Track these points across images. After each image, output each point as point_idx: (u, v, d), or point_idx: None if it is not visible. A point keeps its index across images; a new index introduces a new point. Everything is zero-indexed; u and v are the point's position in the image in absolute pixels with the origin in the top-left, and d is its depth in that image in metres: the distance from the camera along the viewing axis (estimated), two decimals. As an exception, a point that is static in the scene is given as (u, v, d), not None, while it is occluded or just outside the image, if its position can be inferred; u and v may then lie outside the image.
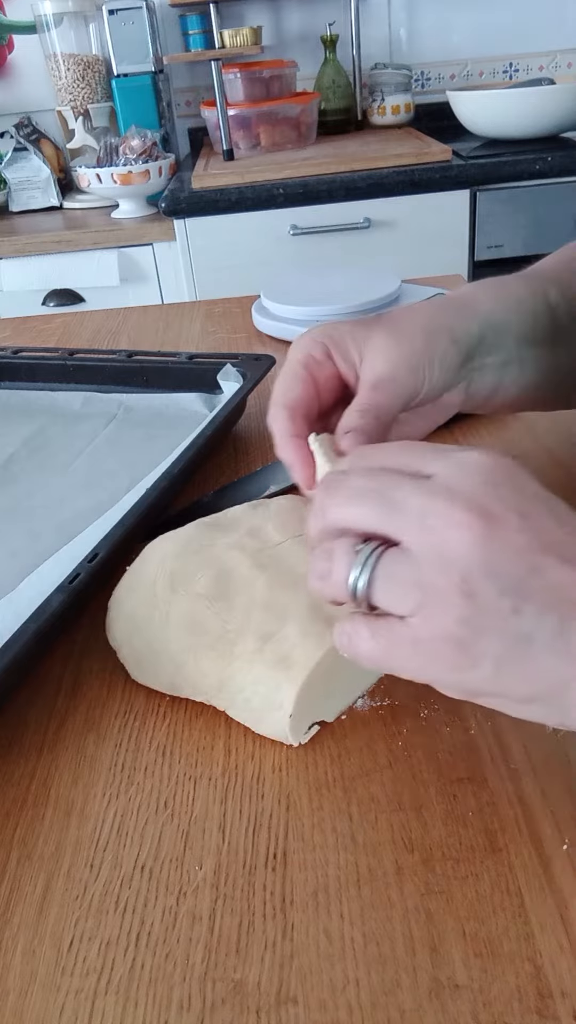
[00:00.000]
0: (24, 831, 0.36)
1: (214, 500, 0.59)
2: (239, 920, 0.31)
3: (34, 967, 0.31)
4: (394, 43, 2.05)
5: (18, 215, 1.91)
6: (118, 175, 1.70)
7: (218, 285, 1.64)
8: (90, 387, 0.74)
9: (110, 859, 0.34)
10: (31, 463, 0.66)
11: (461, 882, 0.32)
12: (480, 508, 0.28)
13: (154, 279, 1.74)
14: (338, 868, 0.33)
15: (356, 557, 0.30)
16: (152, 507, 0.51)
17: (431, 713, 0.39)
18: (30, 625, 0.40)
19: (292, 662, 0.37)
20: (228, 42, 1.78)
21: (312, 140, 1.91)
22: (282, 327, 0.87)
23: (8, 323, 1.04)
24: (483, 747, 0.37)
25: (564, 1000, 0.28)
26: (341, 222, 1.62)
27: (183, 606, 0.41)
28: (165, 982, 0.30)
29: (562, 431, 0.65)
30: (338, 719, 0.40)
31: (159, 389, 0.72)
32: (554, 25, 2.03)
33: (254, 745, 0.39)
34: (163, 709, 0.42)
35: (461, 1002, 0.28)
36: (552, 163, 1.58)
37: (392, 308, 0.86)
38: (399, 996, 0.28)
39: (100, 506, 0.56)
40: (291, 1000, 0.29)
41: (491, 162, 1.60)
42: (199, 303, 1.04)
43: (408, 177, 1.59)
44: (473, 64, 2.08)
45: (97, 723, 0.41)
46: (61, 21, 1.86)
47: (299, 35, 2.04)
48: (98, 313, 1.04)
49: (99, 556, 0.45)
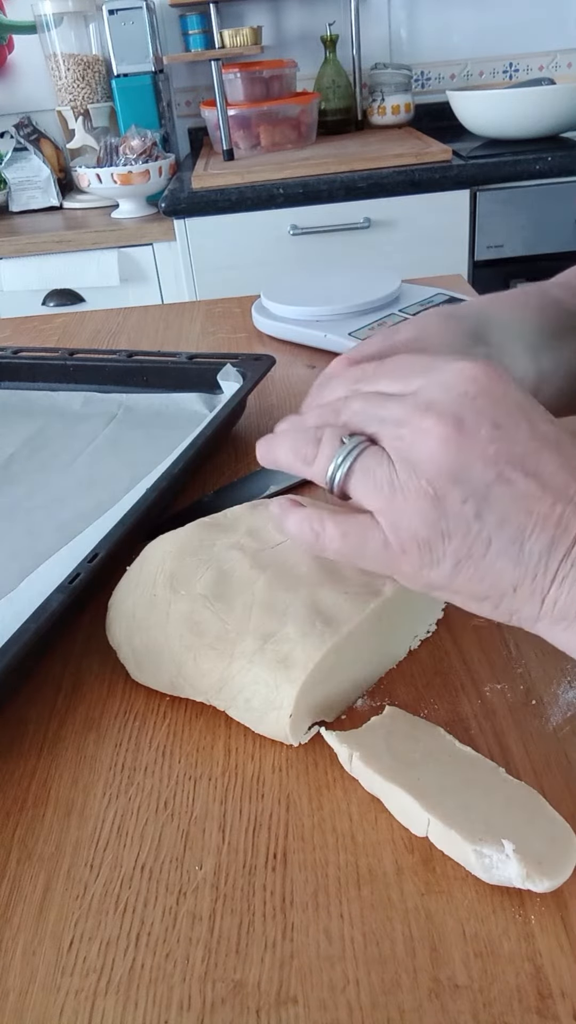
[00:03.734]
0: (24, 831, 0.36)
1: (214, 500, 0.59)
2: (239, 920, 0.31)
3: (34, 967, 0.31)
4: (394, 43, 2.05)
5: (18, 215, 1.91)
6: (118, 175, 1.70)
7: (218, 285, 1.64)
8: (90, 387, 0.74)
9: (110, 859, 0.34)
10: (31, 463, 0.66)
11: (461, 882, 0.32)
12: (452, 417, 0.29)
13: (154, 279, 1.74)
14: (338, 868, 0.33)
15: (340, 447, 0.32)
16: (152, 507, 0.51)
17: (431, 713, 0.39)
18: (30, 625, 0.40)
19: (292, 662, 0.37)
20: (228, 42, 1.78)
21: (312, 140, 1.91)
22: (282, 327, 0.87)
23: (8, 323, 1.04)
24: (483, 747, 0.37)
25: (564, 1000, 0.28)
26: (341, 222, 1.62)
27: (183, 606, 0.41)
28: (165, 982, 0.30)
29: (562, 431, 0.65)
30: (338, 719, 0.40)
31: (159, 389, 0.72)
32: (554, 25, 2.03)
33: (254, 745, 0.39)
34: (163, 709, 0.42)
35: (461, 1002, 0.28)
36: (552, 163, 1.58)
37: (390, 307, 0.86)
38: (399, 996, 0.28)
39: (100, 506, 0.56)
40: (291, 1000, 0.29)
41: (491, 162, 1.60)
42: (199, 303, 1.04)
43: (408, 177, 1.59)
44: (473, 64, 2.08)
45: (97, 723, 0.41)
46: (61, 21, 1.86)
47: (299, 35, 2.04)
48: (98, 313, 1.04)
49: (99, 556, 0.45)
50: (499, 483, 0.29)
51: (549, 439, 0.30)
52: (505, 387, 0.30)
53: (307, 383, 0.78)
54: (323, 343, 0.83)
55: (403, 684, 0.41)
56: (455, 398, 0.30)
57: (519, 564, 0.29)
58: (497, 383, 0.30)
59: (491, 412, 0.29)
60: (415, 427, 0.30)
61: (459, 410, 0.29)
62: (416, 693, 0.41)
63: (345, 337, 0.81)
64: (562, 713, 0.38)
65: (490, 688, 0.40)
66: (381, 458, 0.31)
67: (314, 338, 0.84)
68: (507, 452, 0.29)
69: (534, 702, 0.39)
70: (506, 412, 0.30)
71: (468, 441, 0.29)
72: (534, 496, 0.29)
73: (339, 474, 0.31)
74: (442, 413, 0.29)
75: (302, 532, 0.33)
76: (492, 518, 0.29)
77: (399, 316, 0.85)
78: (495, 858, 0.31)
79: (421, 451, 0.29)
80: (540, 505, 0.29)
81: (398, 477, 0.30)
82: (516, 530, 0.29)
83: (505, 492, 0.29)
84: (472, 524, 0.29)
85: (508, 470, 0.29)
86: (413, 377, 0.32)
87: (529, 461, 0.29)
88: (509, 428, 0.29)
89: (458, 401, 0.30)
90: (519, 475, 0.29)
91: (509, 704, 0.39)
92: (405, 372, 0.32)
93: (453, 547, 0.29)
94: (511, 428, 0.29)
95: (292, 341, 0.87)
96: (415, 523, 0.29)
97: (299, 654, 0.37)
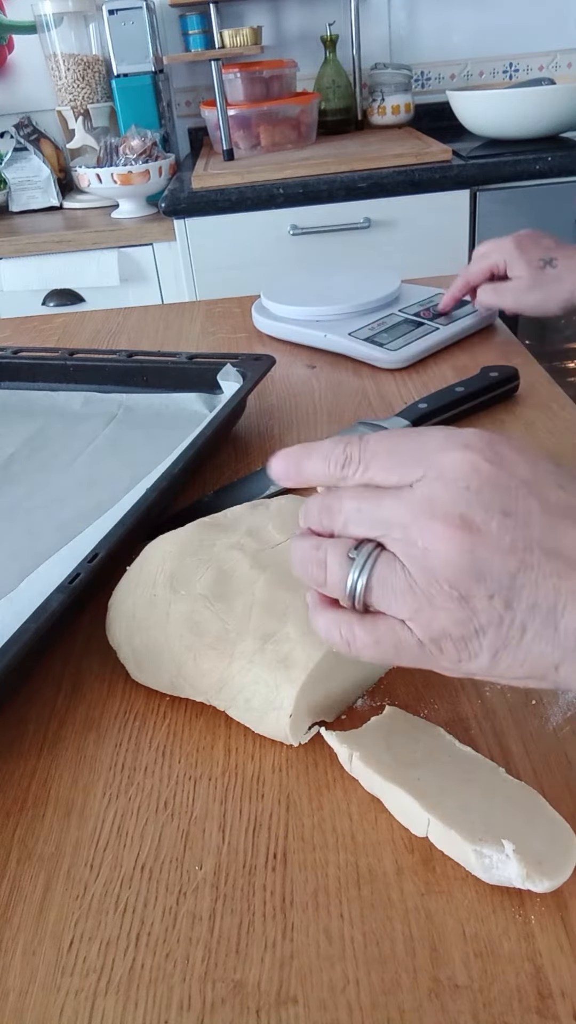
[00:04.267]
0: (24, 831, 0.36)
1: (214, 500, 0.59)
2: (239, 920, 0.31)
3: (34, 967, 0.31)
4: (394, 43, 2.05)
5: (18, 215, 1.91)
6: (118, 175, 1.70)
7: (218, 285, 1.64)
8: (90, 387, 0.74)
9: (110, 859, 0.34)
10: (31, 463, 0.66)
11: (461, 882, 0.32)
12: (460, 519, 0.28)
13: (154, 279, 1.74)
14: (338, 868, 0.33)
15: (352, 563, 0.31)
16: (152, 507, 0.51)
17: (431, 713, 0.39)
18: (30, 625, 0.40)
19: (292, 662, 0.37)
20: (228, 42, 1.78)
21: (312, 140, 1.90)
22: (282, 327, 0.87)
23: (8, 323, 1.04)
24: (483, 747, 0.37)
25: (564, 1000, 0.28)
26: (341, 222, 1.62)
27: (183, 606, 0.41)
28: (165, 982, 0.30)
29: (562, 431, 0.65)
30: (338, 719, 0.40)
31: (159, 389, 0.72)
32: (554, 25, 2.03)
33: (254, 745, 0.39)
34: (163, 709, 0.42)
35: (461, 1002, 0.28)
36: (552, 163, 1.58)
37: (390, 307, 0.86)
38: (399, 996, 0.28)
39: (100, 506, 0.56)
40: (291, 1000, 0.29)
41: (491, 162, 1.60)
42: (199, 303, 1.04)
43: (408, 177, 1.59)
44: (473, 64, 2.08)
45: (97, 723, 0.41)
46: (61, 21, 1.86)
47: (299, 35, 2.04)
48: (98, 313, 1.04)
49: (99, 556, 0.45)
50: (522, 571, 0.28)
51: (562, 510, 0.29)
52: (508, 468, 0.29)
53: (307, 383, 0.78)
54: (323, 343, 0.83)
55: (403, 684, 0.41)
56: (458, 494, 0.29)
57: (557, 645, 0.29)
58: (499, 468, 0.29)
59: (499, 502, 0.29)
60: (424, 531, 0.29)
61: (466, 509, 0.29)
62: (416, 693, 0.41)
63: (345, 337, 0.81)
64: (562, 713, 0.39)
65: (490, 688, 0.40)
66: (395, 566, 0.30)
67: (314, 338, 0.84)
68: (523, 538, 0.28)
69: (534, 702, 0.39)
70: (513, 497, 0.29)
71: (482, 539, 0.28)
72: (559, 574, 0.28)
73: (358, 592, 0.30)
74: (448, 515, 0.29)
75: (331, 637, 0.32)
76: (522, 605, 0.28)
77: (399, 316, 0.85)
78: (495, 858, 0.31)
79: (436, 557, 0.29)
80: (567, 581, 0.28)
81: (418, 584, 0.29)
82: (548, 612, 0.28)
83: (530, 577, 0.28)
84: (504, 615, 0.28)
85: (528, 555, 0.28)
86: (406, 467, 0.30)
87: (547, 540, 0.28)
88: (520, 513, 0.29)
89: (463, 497, 0.29)
90: (540, 557, 0.28)
91: (509, 704, 0.39)
92: (396, 460, 0.31)
93: (488, 640, 0.29)
94: (522, 513, 0.29)
95: (292, 341, 0.87)
96: (446, 625, 0.29)
97: (299, 654, 0.37)
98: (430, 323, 0.83)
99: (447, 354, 0.81)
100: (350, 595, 0.31)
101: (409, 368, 0.79)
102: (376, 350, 0.79)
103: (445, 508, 0.29)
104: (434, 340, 0.80)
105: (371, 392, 0.75)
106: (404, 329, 0.82)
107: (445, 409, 0.66)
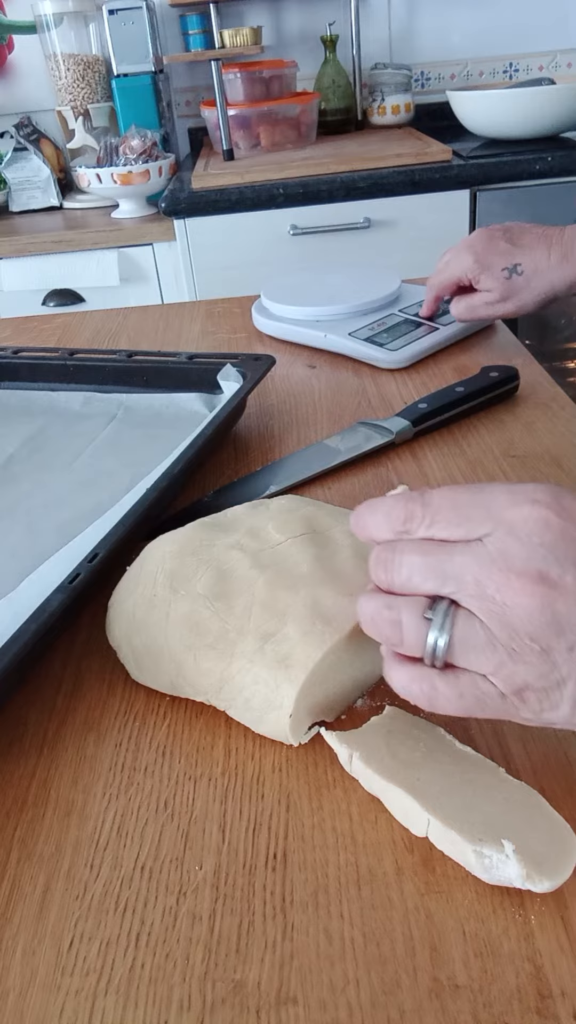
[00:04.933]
0: (24, 831, 0.36)
1: (214, 500, 0.59)
2: (239, 920, 0.31)
3: (34, 967, 0.31)
4: (394, 43, 2.05)
5: (18, 215, 1.91)
6: (118, 175, 1.70)
7: (218, 285, 1.64)
8: (90, 387, 0.74)
9: (110, 859, 0.34)
10: (31, 463, 0.66)
11: (461, 882, 0.32)
12: (537, 574, 0.29)
13: (154, 279, 1.74)
14: (338, 868, 0.33)
15: (431, 623, 0.31)
16: (152, 507, 0.51)
17: (431, 713, 0.39)
18: (30, 625, 0.40)
19: (292, 662, 0.37)
20: (228, 42, 1.78)
21: (312, 140, 1.90)
22: (282, 327, 0.87)
23: (8, 323, 1.04)
24: (483, 747, 0.37)
25: (564, 1000, 0.28)
26: (341, 222, 1.62)
27: (183, 606, 0.41)
28: (165, 982, 0.30)
29: (562, 431, 0.65)
30: (338, 719, 0.40)
31: (159, 389, 0.72)
32: (554, 25, 2.03)
33: (254, 745, 0.39)
34: (163, 709, 0.42)
35: (461, 1002, 0.28)
36: (552, 163, 1.58)
37: (390, 307, 0.86)
38: (399, 996, 0.28)
39: (100, 506, 0.56)
40: (291, 1000, 0.29)
41: (491, 162, 1.60)
42: (199, 303, 1.04)
43: (408, 177, 1.59)
44: (473, 64, 2.08)
45: (97, 723, 0.41)
46: (61, 21, 1.86)
47: (299, 35, 2.04)
48: (98, 313, 1.04)
49: (99, 556, 0.45)
50: None
51: None
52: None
53: (307, 383, 0.78)
54: (323, 343, 0.83)
55: (403, 684, 0.41)
56: (533, 549, 0.29)
57: None
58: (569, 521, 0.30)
59: (572, 555, 0.29)
60: (501, 587, 0.29)
61: (542, 564, 0.29)
62: (416, 693, 0.40)
63: (345, 337, 0.81)
64: (562, 713, 0.38)
65: (490, 688, 0.40)
66: (473, 622, 0.30)
67: (314, 338, 0.84)
68: None
69: (534, 702, 0.39)
70: None
71: (559, 593, 0.29)
72: None
73: (439, 651, 0.31)
74: (525, 570, 0.29)
75: (412, 693, 0.32)
76: None
77: (399, 316, 0.85)
78: (495, 858, 0.31)
79: (516, 612, 0.29)
80: None
81: (499, 639, 0.29)
82: None
83: None
84: None
85: None
86: (473, 522, 0.31)
87: None
88: None
89: (537, 552, 0.29)
90: None
91: (509, 704, 0.39)
92: (462, 515, 0.31)
93: (569, 691, 0.30)
94: None
95: (292, 341, 0.87)
96: (529, 678, 0.30)
97: (299, 654, 0.37)
98: (430, 323, 0.83)
99: (447, 354, 0.81)
100: (431, 654, 0.31)
101: (409, 368, 0.79)
102: (376, 350, 0.79)
103: (521, 563, 0.29)
104: (434, 340, 0.80)
105: (371, 392, 0.75)
106: (404, 329, 0.82)
107: (445, 409, 0.66)
